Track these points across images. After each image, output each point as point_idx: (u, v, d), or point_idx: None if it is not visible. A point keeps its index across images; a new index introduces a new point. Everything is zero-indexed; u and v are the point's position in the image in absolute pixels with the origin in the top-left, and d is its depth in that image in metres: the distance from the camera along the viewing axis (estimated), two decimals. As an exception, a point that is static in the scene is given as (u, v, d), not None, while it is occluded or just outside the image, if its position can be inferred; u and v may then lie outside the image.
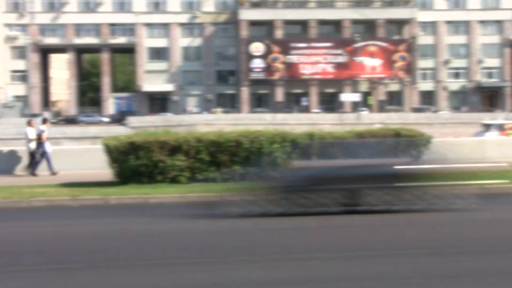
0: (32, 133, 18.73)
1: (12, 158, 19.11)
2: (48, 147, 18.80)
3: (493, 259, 7.77)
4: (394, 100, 76.31)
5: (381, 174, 12.23)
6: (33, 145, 18.45)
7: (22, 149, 19.29)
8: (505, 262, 7.65)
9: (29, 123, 19.70)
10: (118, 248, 8.81)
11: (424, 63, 77.53)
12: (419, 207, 11.81)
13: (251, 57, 74.34)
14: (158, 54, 77.44)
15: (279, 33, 75.56)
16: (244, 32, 75.10)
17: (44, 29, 76.13)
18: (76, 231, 10.45)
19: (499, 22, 78.39)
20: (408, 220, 11.18)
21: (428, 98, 77.57)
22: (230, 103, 76.42)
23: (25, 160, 18.71)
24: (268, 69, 74.48)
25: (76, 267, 7.58)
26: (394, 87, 76.78)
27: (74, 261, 7.95)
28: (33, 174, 18.08)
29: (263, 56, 74.36)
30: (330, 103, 75.43)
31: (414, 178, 12.44)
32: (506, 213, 11.98)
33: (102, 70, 78.11)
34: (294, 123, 52.98)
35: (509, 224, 10.65)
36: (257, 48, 74.43)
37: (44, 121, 20.65)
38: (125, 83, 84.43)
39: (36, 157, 18.39)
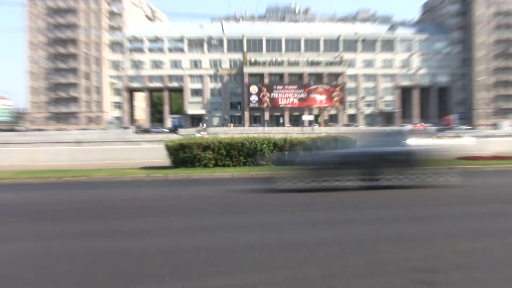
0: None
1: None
2: None
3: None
4: (333, 119, 76.47)
5: (397, 155, 9.55)
6: None
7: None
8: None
9: (199, 131, 19.51)
10: (174, 204, 8.80)
11: (350, 98, 77.57)
12: (423, 182, 9.54)
13: (250, 94, 74.21)
14: (196, 92, 77.23)
15: (266, 80, 75.49)
16: (246, 79, 74.98)
17: (131, 78, 76.01)
18: (153, 194, 10.45)
19: (392, 75, 78.57)
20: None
21: (352, 119, 77.70)
22: (238, 121, 76.37)
23: None
24: (260, 101, 74.27)
25: (151, 214, 7.56)
26: (333, 111, 76.91)
27: (150, 211, 7.93)
28: None
29: (257, 94, 74.17)
30: (296, 121, 75.51)
31: (421, 158, 9.67)
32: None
33: (164, 102, 78.18)
34: (276, 132, 52.88)
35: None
36: (253, 89, 74.31)
37: (204, 128, 20.37)
38: (177, 109, 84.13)
39: None
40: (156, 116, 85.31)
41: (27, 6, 73.52)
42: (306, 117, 73.46)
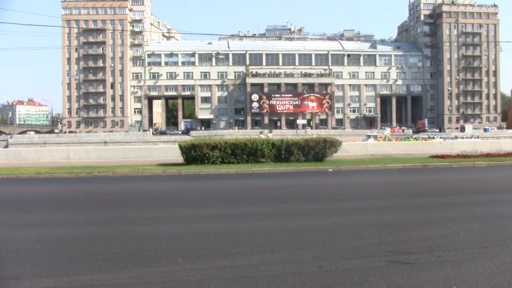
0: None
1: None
2: None
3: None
4: (323, 123, 76.22)
5: None
6: None
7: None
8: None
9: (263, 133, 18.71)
10: (186, 196, 8.78)
11: (337, 104, 77.07)
12: None
13: (251, 101, 73.87)
14: (206, 99, 76.87)
15: (266, 89, 75.09)
16: (249, 89, 74.61)
17: (150, 87, 75.83)
18: (168, 187, 10.40)
19: (374, 85, 78.25)
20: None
21: (339, 123, 77.33)
22: (242, 124, 75.94)
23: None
24: (260, 107, 73.87)
25: (166, 204, 7.50)
26: (323, 116, 76.62)
27: (166, 202, 7.90)
28: None
29: (258, 101, 73.77)
30: (291, 124, 75.26)
31: None
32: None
33: (178, 108, 77.85)
34: (274, 134, 52.87)
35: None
36: (255, 97, 73.95)
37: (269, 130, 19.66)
38: (189, 114, 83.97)
39: None
40: (171, 120, 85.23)
41: (63, 27, 73.49)
42: (300, 121, 73.19)
